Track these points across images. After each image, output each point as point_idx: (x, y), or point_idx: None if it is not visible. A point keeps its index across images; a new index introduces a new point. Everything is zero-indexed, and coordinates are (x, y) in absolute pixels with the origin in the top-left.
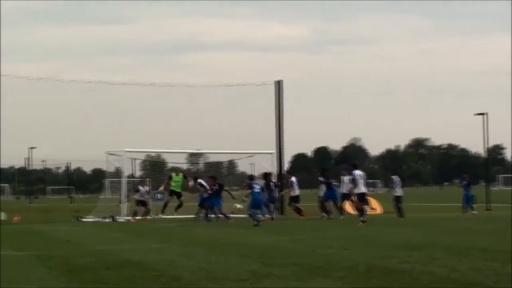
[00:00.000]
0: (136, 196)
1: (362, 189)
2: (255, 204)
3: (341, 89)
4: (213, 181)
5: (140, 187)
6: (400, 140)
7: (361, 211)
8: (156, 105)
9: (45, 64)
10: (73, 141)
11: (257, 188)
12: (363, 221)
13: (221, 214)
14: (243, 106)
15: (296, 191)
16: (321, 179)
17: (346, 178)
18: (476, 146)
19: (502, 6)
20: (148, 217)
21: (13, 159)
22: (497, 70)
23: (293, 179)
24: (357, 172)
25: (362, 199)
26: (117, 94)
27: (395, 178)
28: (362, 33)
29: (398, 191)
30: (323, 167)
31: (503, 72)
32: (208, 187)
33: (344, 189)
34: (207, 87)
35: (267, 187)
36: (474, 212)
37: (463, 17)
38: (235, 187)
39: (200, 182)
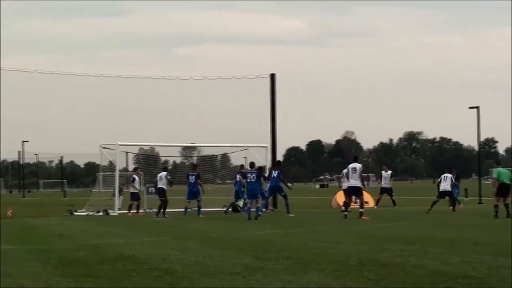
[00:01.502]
0: (135, 185)
1: (351, 182)
2: (249, 195)
3: (335, 83)
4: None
5: (135, 176)
6: (393, 133)
7: (347, 205)
8: (150, 99)
9: (37, 57)
10: (66, 134)
11: (250, 178)
12: (346, 216)
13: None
14: (238, 99)
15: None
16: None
17: (385, 173)
18: (469, 140)
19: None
20: (141, 211)
21: (6, 153)
22: (489, 65)
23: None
24: (351, 166)
25: (350, 192)
26: (111, 88)
27: (447, 175)
28: (360, 27)
29: (443, 186)
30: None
31: (495, 66)
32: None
33: (383, 183)
34: (201, 80)
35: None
36: (460, 205)
37: (458, 11)
38: (229, 181)
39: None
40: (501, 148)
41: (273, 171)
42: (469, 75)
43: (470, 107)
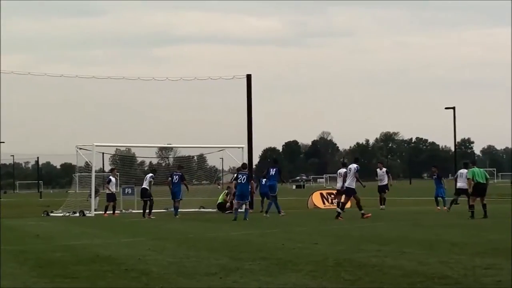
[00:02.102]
0: (110, 187)
1: (347, 183)
2: (239, 196)
3: (312, 83)
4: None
5: (111, 177)
6: (369, 134)
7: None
8: (126, 99)
9: (14, 56)
10: (43, 135)
11: (240, 179)
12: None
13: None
14: (214, 100)
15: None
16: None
17: (380, 171)
18: (445, 140)
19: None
20: (117, 211)
21: None
22: (465, 64)
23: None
24: (348, 166)
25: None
26: (88, 88)
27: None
28: (335, 26)
29: (460, 184)
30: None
31: (471, 66)
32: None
33: (380, 181)
34: (177, 81)
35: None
36: (444, 207)
37: (436, 10)
38: (205, 182)
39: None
40: (477, 149)
41: (271, 169)
42: (449, 75)
43: (446, 108)
